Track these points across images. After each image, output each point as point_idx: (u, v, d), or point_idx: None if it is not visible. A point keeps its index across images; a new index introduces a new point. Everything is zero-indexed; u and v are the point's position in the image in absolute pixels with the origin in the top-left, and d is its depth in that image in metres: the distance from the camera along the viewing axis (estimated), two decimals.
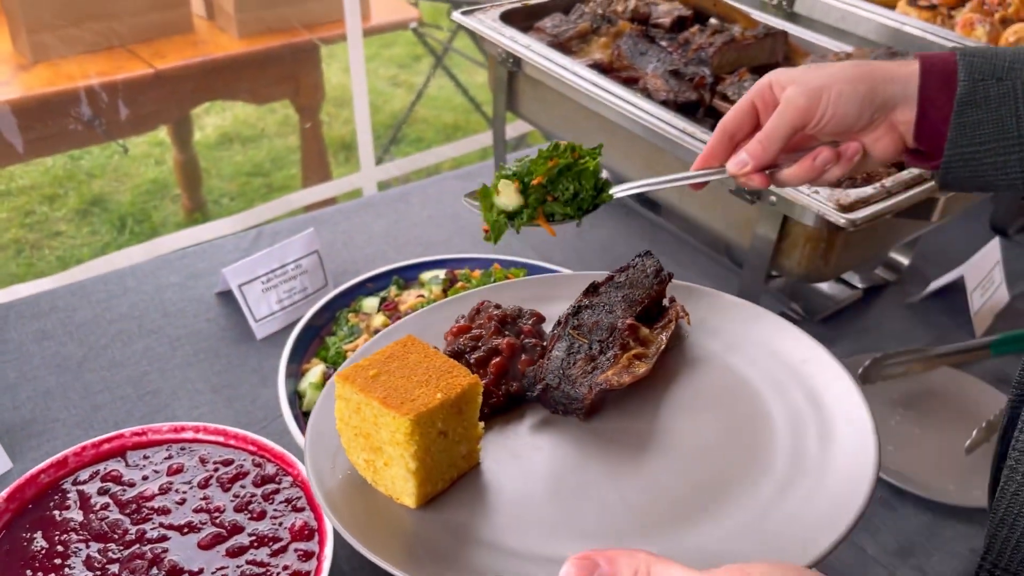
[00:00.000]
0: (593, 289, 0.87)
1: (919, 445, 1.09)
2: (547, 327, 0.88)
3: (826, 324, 1.30)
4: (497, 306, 0.87)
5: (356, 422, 0.67)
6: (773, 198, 1.06)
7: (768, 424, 0.74)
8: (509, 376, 0.78)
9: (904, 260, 1.42)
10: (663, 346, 0.81)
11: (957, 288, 1.32)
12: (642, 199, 1.52)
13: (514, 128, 2.86)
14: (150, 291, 1.29)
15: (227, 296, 1.28)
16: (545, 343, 0.83)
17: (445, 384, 0.66)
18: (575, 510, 0.68)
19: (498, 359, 0.79)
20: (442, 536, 0.65)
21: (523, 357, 0.80)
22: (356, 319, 1.11)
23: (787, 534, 0.64)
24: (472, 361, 0.79)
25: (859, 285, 1.37)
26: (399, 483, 0.66)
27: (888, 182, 1.05)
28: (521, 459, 0.73)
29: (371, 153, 2.30)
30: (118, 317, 1.24)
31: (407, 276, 1.22)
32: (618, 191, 0.86)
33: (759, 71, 1.32)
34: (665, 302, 0.88)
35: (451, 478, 0.69)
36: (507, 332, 0.83)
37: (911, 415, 1.14)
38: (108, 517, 0.79)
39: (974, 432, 1.06)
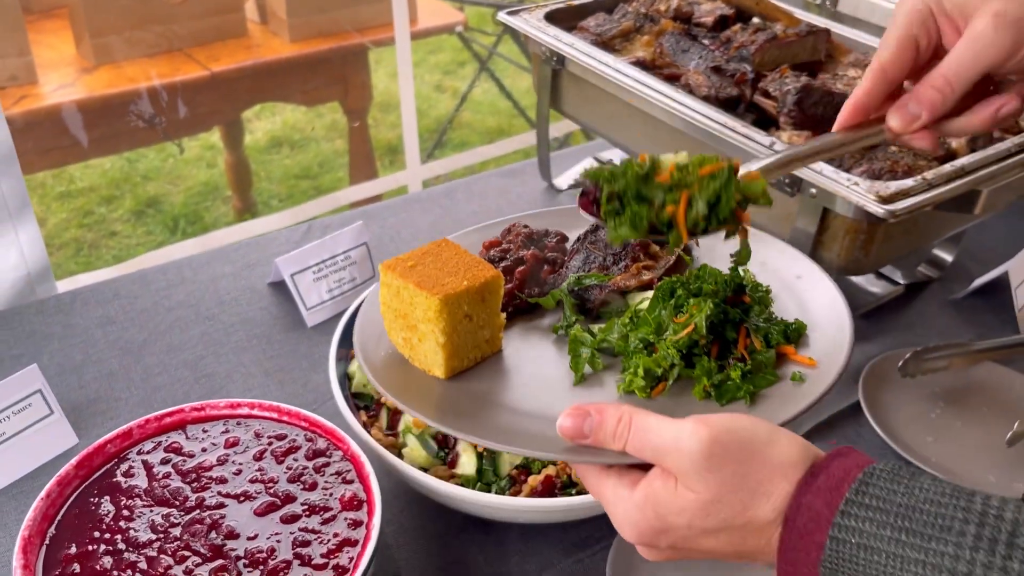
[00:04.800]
0: None
1: (960, 438, 1.09)
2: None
3: (867, 319, 1.31)
4: (526, 226, 0.98)
5: (396, 304, 0.78)
6: (813, 190, 1.07)
7: None
8: (532, 283, 0.89)
9: (948, 257, 1.41)
10: (671, 263, 0.91)
11: (1001, 285, 1.31)
12: None
13: (557, 128, 2.89)
14: (205, 281, 1.35)
15: (279, 286, 1.33)
16: (564, 257, 0.93)
17: (471, 275, 0.77)
18: (583, 384, 0.79)
19: (522, 267, 0.89)
20: (466, 400, 0.77)
21: (545, 267, 0.90)
22: None
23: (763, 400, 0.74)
24: (500, 269, 0.88)
25: (901, 281, 1.37)
26: (431, 356, 0.77)
27: (930, 175, 1.05)
28: (537, 348, 0.84)
29: (417, 150, 2.36)
30: (176, 304, 1.29)
31: None
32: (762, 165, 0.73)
33: (800, 68, 1.33)
34: None
35: (475, 358, 0.80)
36: (532, 247, 0.94)
37: (952, 409, 1.14)
38: (170, 485, 0.83)
39: (1015, 424, 1.05)
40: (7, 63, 1.91)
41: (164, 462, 0.86)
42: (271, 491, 0.83)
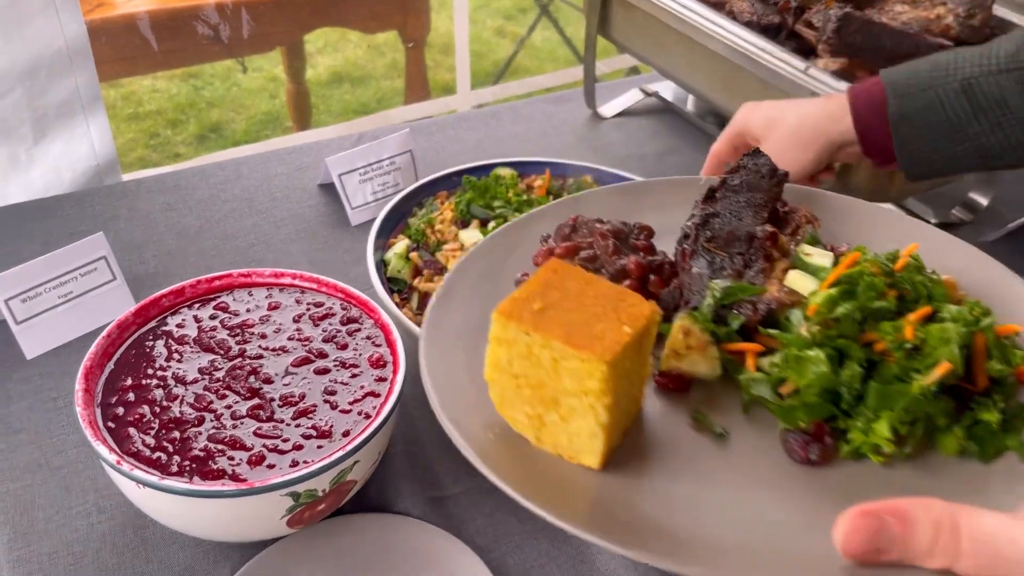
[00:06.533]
0: (710, 195, 0.79)
1: None
2: (656, 242, 0.77)
3: None
4: (600, 221, 0.76)
5: (523, 369, 0.57)
6: None
7: None
8: None
9: (983, 201, 1.42)
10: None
11: None
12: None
13: (606, 64, 2.90)
14: (260, 179, 1.43)
15: (328, 188, 1.40)
16: (670, 260, 0.74)
17: (626, 315, 0.55)
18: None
19: (628, 282, 0.68)
20: (637, 498, 0.56)
21: (652, 278, 0.71)
22: (435, 201, 1.22)
23: None
24: None
25: (932, 220, 1.39)
26: (580, 440, 0.56)
27: None
28: (687, 400, 0.64)
29: (468, 73, 2.41)
30: (231, 197, 1.38)
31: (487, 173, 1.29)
32: None
33: (847, 2, 1.35)
34: (777, 205, 0.82)
35: (624, 429, 0.59)
36: (624, 251, 0.72)
37: None
38: (216, 336, 0.91)
39: None
40: None
41: (212, 318, 0.94)
42: (306, 347, 0.90)
